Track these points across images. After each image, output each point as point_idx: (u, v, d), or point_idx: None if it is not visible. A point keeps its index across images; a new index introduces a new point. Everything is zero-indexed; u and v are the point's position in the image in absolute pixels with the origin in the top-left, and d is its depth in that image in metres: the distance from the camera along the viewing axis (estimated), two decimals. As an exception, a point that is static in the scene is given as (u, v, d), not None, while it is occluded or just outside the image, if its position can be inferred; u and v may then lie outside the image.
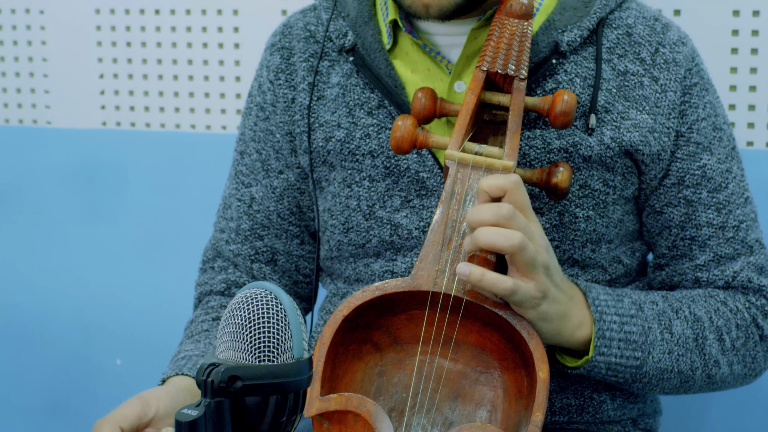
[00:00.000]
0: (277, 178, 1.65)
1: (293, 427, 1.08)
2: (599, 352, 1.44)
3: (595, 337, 1.43)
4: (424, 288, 1.38)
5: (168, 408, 1.38)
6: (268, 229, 1.67)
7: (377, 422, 1.34)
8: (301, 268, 1.69)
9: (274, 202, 1.66)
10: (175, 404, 1.39)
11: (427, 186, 1.54)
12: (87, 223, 2.38)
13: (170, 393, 1.40)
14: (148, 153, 2.33)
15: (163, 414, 1.38)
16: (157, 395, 1.39)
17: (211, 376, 1.03)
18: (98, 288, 2.40)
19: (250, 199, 1.67)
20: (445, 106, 1.47)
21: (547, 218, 1.52)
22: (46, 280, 2.42)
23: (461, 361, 1.42)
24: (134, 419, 1.35)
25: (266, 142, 1.66)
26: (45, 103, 2.39)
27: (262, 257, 1.67)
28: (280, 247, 1.67)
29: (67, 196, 2.38)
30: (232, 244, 1.68)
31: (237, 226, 1.68)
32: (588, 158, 1.51)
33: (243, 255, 1.68)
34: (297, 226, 1.67)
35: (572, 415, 1.58)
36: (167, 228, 2.34)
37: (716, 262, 1.56)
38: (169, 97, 2.32)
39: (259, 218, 1.67)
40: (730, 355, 1.53)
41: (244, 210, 1.68)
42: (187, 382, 1.48)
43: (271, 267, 1.68)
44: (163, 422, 1.38)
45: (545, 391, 1.34)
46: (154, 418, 1.37)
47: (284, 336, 1.06)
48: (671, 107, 1.53)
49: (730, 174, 1.57)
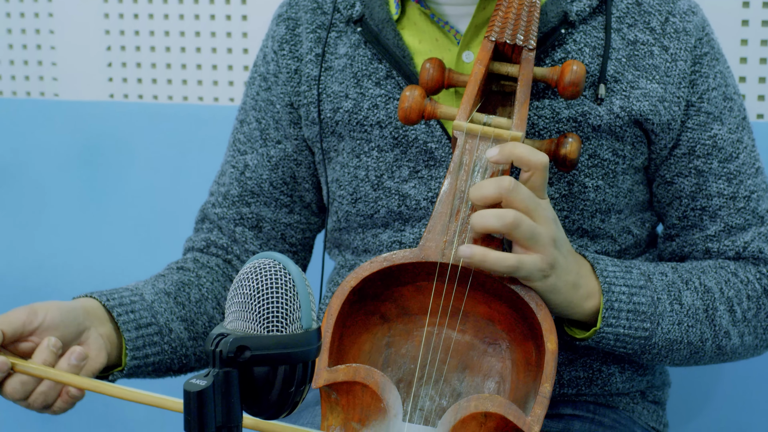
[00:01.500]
0: (275, 147, 1.66)
1: (302, 397, 1.08)
2: (607, 323, 1.44)
3: (604, 308, 1.43)
4: (432, 259, 1.38)
5: (55, 320, 1.39)
6: (257, 196, 1.67)
7: (385, 393, 1.35)
8: (287, 237, 1.69)
9: (269, 171, 1.66)
10: (64, 318, 1.40)
11: (435, 156, 1.53)
12: (93, 196, 2.38)
13: (61, 307, 1.41)
14: (155, 125, 2.33)
15: (49, 325, 1.39)
16: (47, 306, 1.40)
17: (220, 346, 1.03)
18: (104, 262, 2.40)
19: (243, 166, 1.68)
20: (453, 76, 1.47)
21: (556, 188, 1.52)
22: (50, 255, 2.42)
23: (469, 333, 1.42)
24: (18, 325, 1.37)
25: (266, 112, 1.66)
26: (52, 76, 2.39)
27: (247, 222, 1.68)
28: (268, 215, 1.68)
29: (73, 169, 2.38)
30: (218, 207, 1.69)
31: (226, 191, 1.69)
32: (597, 128, 1.50)
33: (227, 218, 1.68)
34: (288, 196, 1.67)
35: (581, 388, 1.58)
36: (174, 201, 2.34)
37: (727, 233, 1.56)
38: (176, 70, 2.32)
39: (250, 185, 1.67)
40: (741, 326, 1.52)
41: (236, 177, 1.68)
42: (88, 304, 1.47)
43: (254, 233, 1.68)
44: (48, 333, 1.38)
45: (554, 363, 1.34)
46: (39, 327, 1.38)
47: (293, 306, 1.05)
48: (681, 76, 1.52)
49: (740, 144, 1.56)
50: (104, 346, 1.45)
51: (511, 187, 1.32)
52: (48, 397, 1.37)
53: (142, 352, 1.51)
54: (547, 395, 1.33)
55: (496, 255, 1.33)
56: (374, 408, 1.35)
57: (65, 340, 1.40)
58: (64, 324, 1.40)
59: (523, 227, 1.32)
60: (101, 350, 1.44)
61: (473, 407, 1.33)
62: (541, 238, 1.34)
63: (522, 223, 1.32)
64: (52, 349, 1.36)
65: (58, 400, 1.38)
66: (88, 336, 1.44)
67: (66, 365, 1.36)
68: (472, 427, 1.34)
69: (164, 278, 1.62)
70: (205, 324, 1.61)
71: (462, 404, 1.33)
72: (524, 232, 1.32)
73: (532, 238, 1.33)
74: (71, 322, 1.41)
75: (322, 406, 1.38)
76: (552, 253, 1.36)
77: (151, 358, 1.52)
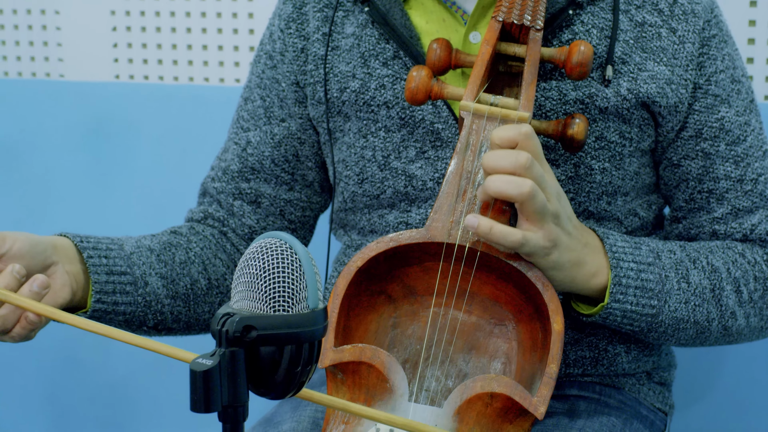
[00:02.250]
0: (278, 125, 1.65)
1: (308, 377, 1.08)
2: (615, 299, 1.43)
3: (611, 284, 1.43)
4: (438, 239, 1.38)
5: (22, 250, 1.40)
6: (257, 173, 1.67)
7: (391, 373, 1.35)
8: (287, 214, 1.69)
9: (271, 148, 1.66)
10: (33, 249, 1.40)
11: (441, 137, 1.53)
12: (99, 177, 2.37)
13: (31, 238, 1.42)
14: (161, 106, 2.32)
15: (15, 253, 1.39)
16: (16, 236, 1.41)
17: (226, 325, 1.03)
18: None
19: (245, 143, 1.68)
20: (460, 57, 1.46)
21: (563, 170, 1.52)
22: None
23: (475, 313, 1.42)
24: None
25: (271, 90, 1.66)
26: (58, 56, 2.39)
27: (246, 197, 1.68)
28: (267, 191, 1.67)
29: (79, 149, 2.37)
30: (217, 182, 1.70)
31: (226, 166, 1.69)
32: (604, 110, 1.50)
33: (226, 192, 1.68)
34: (289, 174, 1.67)
35: (586, 368, 1.58)
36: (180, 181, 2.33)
37: (734, 215, 1.56)
38: (182, 50, 2.31)
39: (251, 162, 1.67)
40: (747, 307, 1.52)
41: (237, 153, 1.68)
42: (60, 241, 1.48)
43: (252, 207, 1.68)
44: (13, 261, 1.39)
45: (560, 343, 1.34)
46: (6, 255, 1.39)
47: (299, 286, 1.05)
48: (689, 59, 1.52)
49: (748, 127, 1.56)
50: (69, 283, 1.45)
51: (527, 164, 1.32)
52: (6, 321, 1.38)
53: (111, 298, 1.51)
54: (553, 376, 1.33)
55: (501, 228, 1.33)
56: (380, 388, 1.35)
57: (30, 270, 1.40)
58: (30, 254, 1.41)
59: (536, 200, 1.32)
60: (65, 285, 1.45)
61: (479, 388, 1.33)
62: (547, 214, 1.34)
63: (537, 195, 1.32)
64: (15, 276, 1.37)
65: (16, 326, 1.39)
66: (54, 271, 1.44)
67: (27, 291, 1.37)
68: (478, 408, 1.34)
69: (153, 237, 1.62)
70: (187, 286, 1.60)
71: (468, 385, 1.33)
72: (536, 205, 1.32)
73: (541, 212, 1.33)
74: (38, 254, 1.42)
75: (328, 387, 1.39)
76: (554, 231, 1.35)
77: (121, 306, 1.52)
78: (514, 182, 1.32)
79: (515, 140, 1.34)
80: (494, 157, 1.33)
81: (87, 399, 2.43)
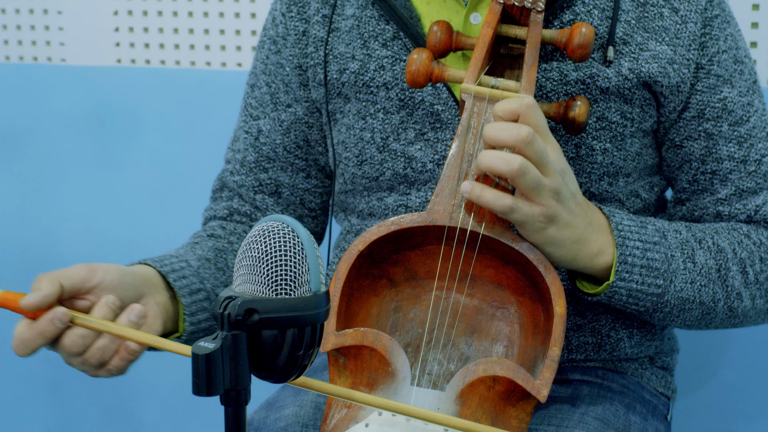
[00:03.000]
0: (285, 111, 1.65)
1: (310, 361, 1.08)
2: (620, 278, 1.42)
3: (617, 262, 1.42)
4: (440, 223, 1.38)
5: (114, 281, 1.38)
6: (273, 161, 1.67)
7: (393, 357, 1.35)
8: (306, 202, 1.69)
9: (281, 135, 1.66)
10: (123, 280, 1.39)
11: (441, 119, 1.53)
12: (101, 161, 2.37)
13: (120, 269, 1.41)
14: (162, 90, 2.32)
15: (107, 285, 1.38)
16: (107, 267, 1.39)
17: (228, 309, 1.03)
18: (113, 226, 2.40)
19: (257, 132, 1.67)
20: (461, 39, 1.46)
21: (564, 151, 1.51)
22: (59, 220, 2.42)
23: (477, 297, 1.42)
24: (77, 280, 1.36)
25: (276, 75, 1.65)
26: (59, 41, 2.39)
27: (266, 189, 1.68)
28: (285, 180, 1.67)
29: (81, 135, 2.37)
30: (236, 175, 1.69)
31: (243, 157, 1.69)
32: (605, 90, 1.50)
33: (246, 186, 1.68)
34: (303, 160, 1.67)
35: (589, 353, 1.58)
36: (181, 166, 2.33)
37: (738, 196, 1.55)
38: (183, 34, 2.31)
39: (265, 151, 1.67)
40: (753, 288, 1.52)
41: (250, 142, 1.68)
42: (144, 270, 1.48)
43: (274, 199, 1.68)
44: (106, 292, 1.38)
45: (562, 326, 1.34)
46: (98, 286, 1.37)
47: (301, 269, 1.05)
48: (691, 38, 1.51)
49: (751, 107, 1.55)
50: (160, 314, 1.45)
51: (528, 139, 1.31)
52: (105, 352, 1.36)
53: (196, 318, 1.51)
54: (555, 359, 1.33)
55: (493, 192, 1.32)
56: (382, 372, 1.35)
57: (123, 302, 1.39)
58: (122, 286, 1.39)
59: (528, 177, 1.31)
60: (157, 317, 1.44)
61: (481, 371, 1.33)
62: (544, 190, 1.33)
63: (528, 172, 1.31)
64: (111, 306, 1.36)
65: (115, 357, 1.37)
66: (146, 302, 1.43)
67: (126, 321, 1.35)
68: (481, 391, 1.34)
69: (199, 245, 1.61)
70: None
71: (470, 368, 1.33)
72: (528, 181, 1.32)
73: (535, 189, 1.32)
74: (129, 285, 1.41)
75: (330, 371, 1.39)
76: (552, 206, 1.34)
77: (203, 324, 1.53)
78: (504, 158, 1.31)
79: (518, 112, 1.33)
80: (495, 130, 1.32)
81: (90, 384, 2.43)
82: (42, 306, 1.32)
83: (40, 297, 1.32)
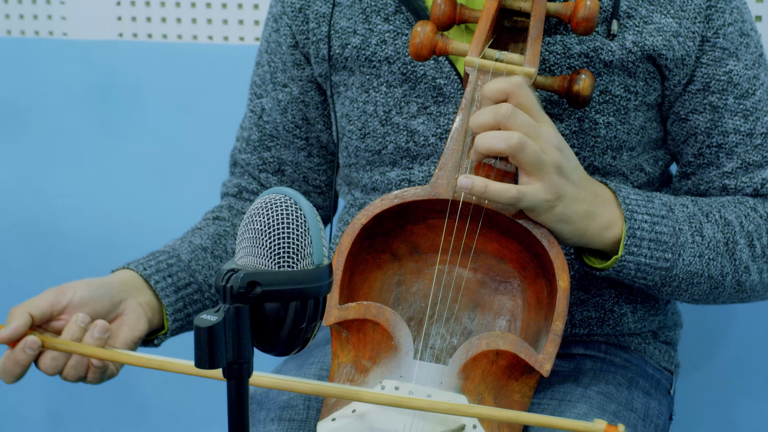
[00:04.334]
0: (282, 91, 1.66)
1: (313, 334, 1.08)
2: (629, 252, 1.42)
3: (626, 236, 1.41)
4: (443, 196, 1.37)
5: (84, 297, 1.46)
6: (276, 139, 1.68)
7: (396, 331, 1.34)
8: (310, 180, 1.70)
9: (280, 115, 1.67)
10: (94, 294, 1.47)
11: (444, 93, 1.52)
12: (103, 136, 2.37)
13: (91, 284, 1.47)
14: (165, 65, 2.31)
15: (77, 302, 1.45)
16: (75, 285, 1.47)
17: (230, 281, 1.02)
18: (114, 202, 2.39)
19: (260, 110, 1.68)
20: (464, 12, 1.45)
21: (567, 125, 1.50)
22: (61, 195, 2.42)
23: (480, 271, 1.42)
24: (46, 307, 1.44)
25: (275, 54, 1.65)
26: (60, 15, 2.38)
27: (270, 167, 1.70)
28: (288, 158, 1.69)
29: (82, 109, 2.37)
30: (243, 153, 1.72)
31: (248, 136, 1.71)
32: (609, 63, 1.49)
33: (252, 164, 1.71)
34: (303, 139, 1.67)
35: (592, 328, 1.58)
36: (184, 140, 2.33)
37: (744, 170, 1.54)
38: (186, 8, 2.30)
39: (268, 129, 1.68)
40: (761, 262, 1.51)
41: (254, 121, 1.70)
42: (124, 275, 1.54)
43: (278, 177, 1.70)
44: (78, 309, 1.45)
45: (565, 300, 1.34)
46: (68, 305, 1.45)
47: (304, 242, 1.05)
48: (697, 11, 1.50)
49: (757, 81, 1.54)
50: (144, 314, 1.50)
51: (508, 113, 1.31)
52: (79, 369, 1.44)
53: (184, 313, 1.57)
54: (558, 333, 1.33)
55: (497, 185, 1.32)
56: (385, 346, 1.35)
57: (98, 314, 1.46)
58: (93, 299, 1.46)
59: (528, 150, 1.31)
60: (140, 318, 1.50)
61: (484, 345, 1.33)
62: (546, 165, 1.32)
63: (527, 145, 1.31)
64: (80, 325, 1.42)
65: (89, 373, 1.45)
66: (125, 306, 1.49)
67: (89, 339, 1.42)
68: (483, 365, 1.34)
69: (201, 231, 1.65)
70: None
71: (473, 342, 1.33)
72: (530, 155, 1.31)
73: (537, 163, 1.32)
74: (102, 296, 1.47)
75: (332, 344, 1.39)
76: (557, 182, 1.34)
77: (193, 316, 1.57)
78: (500, 135, 1.31)
79: (506, 91, 1.33)
80: (476, 115, 1.33)
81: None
82: (14, 338, 1.41)
83: (10, 330, 1.41)
